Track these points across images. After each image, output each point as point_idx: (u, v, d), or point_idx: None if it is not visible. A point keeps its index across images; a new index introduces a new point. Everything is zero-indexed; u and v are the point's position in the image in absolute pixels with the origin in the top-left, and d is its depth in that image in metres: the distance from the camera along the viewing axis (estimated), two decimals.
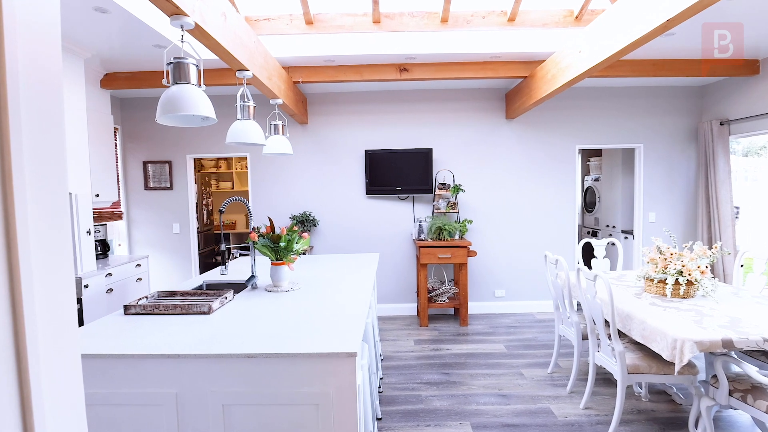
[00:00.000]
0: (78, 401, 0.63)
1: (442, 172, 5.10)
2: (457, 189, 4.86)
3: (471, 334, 4.41)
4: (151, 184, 5.33)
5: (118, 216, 5.19)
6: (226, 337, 1.80)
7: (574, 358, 3.10)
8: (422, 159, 5.01)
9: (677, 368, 2.14)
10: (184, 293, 2.52)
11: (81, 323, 3.40)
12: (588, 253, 5.53)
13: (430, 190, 5.02)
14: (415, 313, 5.19)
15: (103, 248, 4.45)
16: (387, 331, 4.59)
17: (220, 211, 2.70)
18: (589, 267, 5.17)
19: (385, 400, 3.08)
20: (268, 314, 2.14)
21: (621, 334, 2.84)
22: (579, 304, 3.16)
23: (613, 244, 3.97)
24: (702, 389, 2.44)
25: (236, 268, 3.44)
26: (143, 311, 2.20)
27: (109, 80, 4.31)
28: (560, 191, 5.13)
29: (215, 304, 2.23)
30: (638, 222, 5.18)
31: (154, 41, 3.44)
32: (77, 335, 0.65)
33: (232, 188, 7.25)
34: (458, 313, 4.92)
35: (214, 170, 7.20)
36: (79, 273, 3.53)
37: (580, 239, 5.74)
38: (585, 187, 6.69)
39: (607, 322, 2.73)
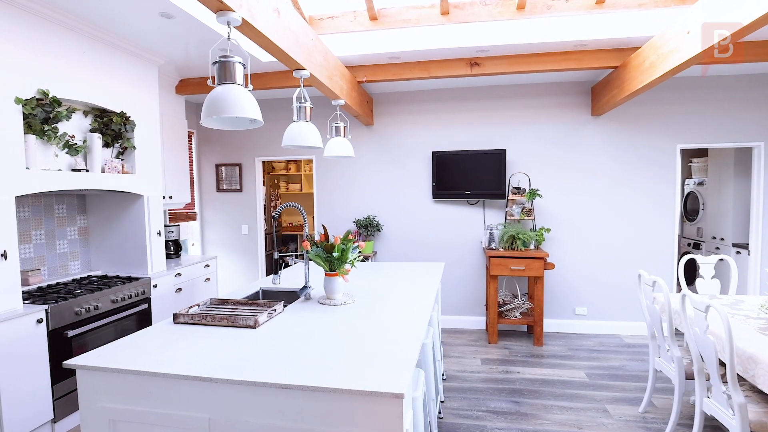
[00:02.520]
0: None
1: (516, 176, 4.67)
2: (533, 194, 4.42)
3: (546, 356, 3.96)
4: (223, 186, 5.47)
5: (192, 217, 5.39)
6: (266, 360, 1.64)
7: (674, 399, 2.59)
8: (494, 161, 4.62)
9: None
10: (235, 302, 2.43)
11: (149, 322, 3.50)
12: (690, 271, 4.79)
13: (502, 195, 4.62)
14: (484, 328, 4.80)
15: (175, 248, 4.60)
16: (452, 346, 4.27)
17: (274, 218, 2.58)
18: (689, 284, 4.46)
19: (445, 428, 2.79)
20: (315, 333, 1.96)
21: (740, 378, 2.30)
22: (678, 331, 2.64)
23: (722, 259, 3.33)
24: None
25: (293, 275, 3.33)
26: (191, 321, 2.13)
27: (184, 86, 4.45)
28: (656, 197, 4.48)
29: (262, 317, 2.10)
30: (756, 234, 4.37)
31: (222, 44, 3.44)
32: None
33: (301, 190, 7.32)
34: (532, 330, 4.47)
35: (284, 172, 7.31)
36: (149, 273, 3.63)
37: (679, 251, 5.00)
38: (686, 193, 5.85)
39: (721, 363, 2.22)
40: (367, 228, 4.91)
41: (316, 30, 3.62)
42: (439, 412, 2.95)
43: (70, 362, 1.64)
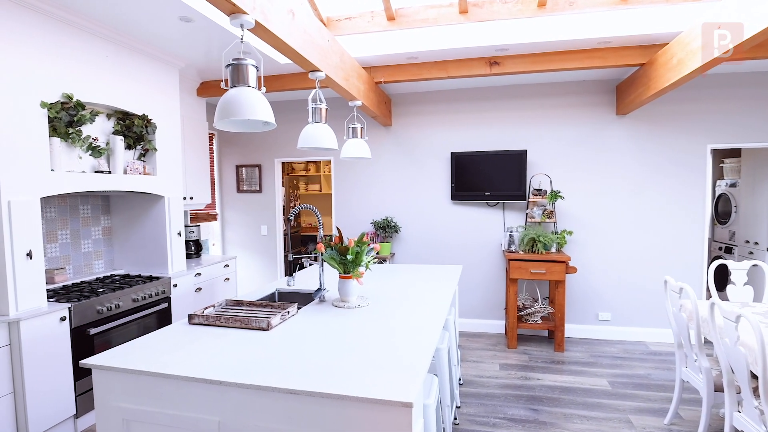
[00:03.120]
0: None
1: (537, 177, 4.57)
2: (554, 196, 4.31)
3: (567, 363, 3.85)
4: (243, 187, 5.54)
5: (213, 217, 5.47)
6: (276, 363, 1.63)
7: (702, 412, 2.47)
8: (515, 162, 4.53)
9: None
10: (250, 304, 2.44)
11: (169, 321, 3.56)
12: (721, 276, 4.59)
13: (523, 197, 4.52)
14: (503, 332, 4.72)
15: (196, 248, 4.67)
16: (469, 350, 4.21)
17: (288, 219, 2.58)
18: (719, 291, 4.28)
19: None
20: (327, 336, 1.94)
21: None
22: (707, 340, 2.51)
23: (756, 265, 3.18)
24: None
25: (309, 277, 3.33)
26: (205, 322, 2.14)
27: (205, 88, 4.52)
28: (685, 199, 4.31)
29: (275, 319, 2.10)
30: None
31: (245, 48, 3.47)
32: None
33: (320, 191, 7.35)
34: (553, 336, 4.36)
35: (303, 173, 7.36)
36: (169, 272, 3.69)
37: (709, 256, 4.80)
38: (717, 195, 5.62)
39: (753, 375, 2.10)
40: (385, 229, 4.88)
41: (334, 31, 3.61)
42: (455, 418, 2.90)
43: (85, 362, 1.67)
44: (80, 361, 1.68)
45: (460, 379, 3.47)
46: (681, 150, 4.28)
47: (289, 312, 2.25)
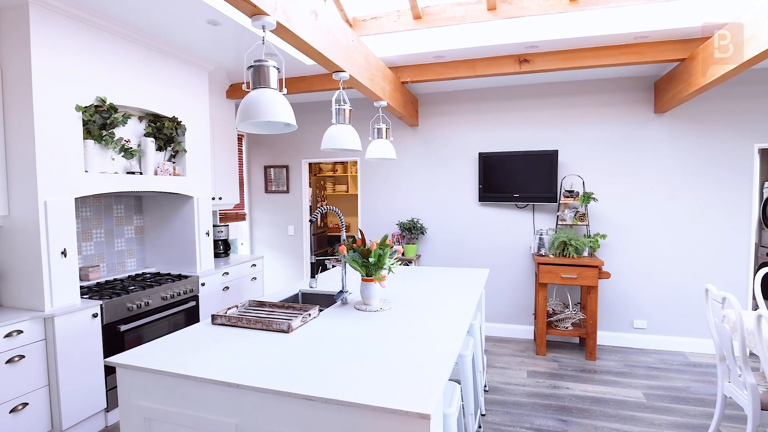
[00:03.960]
0: None
1: (569, 178, 4.42)
2: (587, 197, 4.15)
3: (599, 372, 3.70)
4: (271, 188, 5.60)
5: (241, 217, 5.56)
6: (295, 367, 1.61)
7: (747, 431, 2.31)
8: (545, 163, 4.39)
9: None
10: (272, 305, 2.44)
11: (197, 319, 3.63)
12: None
13: (554, 199, 4.38)
14: (532, 338, 4.58)
15: (225, 247, 4.75)
16: (496, 356, 4.10)
17: (311, 221, 2.57)
18: (767, 300, 4.01)
19: None
20: (347, 340, 1.91)
21: None
22: (751, 352, 2.34)
23: None
24: None
25: (332, 279, 3.32)
26: (227, 323, 2.16)
27: (234, 90, 4.59)
28: (728, 202, 4.06)
29: (296, 322, 2.09)
30: None
31: (267, 50, 3.50)
32: None
33: (347, 192, 7.36)
34: (584, 343, 4.20)
35: (330, 174, 7.39)
36: (197, 271, 3.76)
37: (756, 263, 4.51)
38: (765, 197, 5.27)
39: None
40: (411, 231, 4.83)
41: (360, 31, 3.60)
42: (479, 427, 2.82)
43: (110, 360, 1.70)
44: (105, 359, 1.71)
45: (485, 386, 3.38)
46: (725, 150, 4.04)
47: (310, 314, 2.24)
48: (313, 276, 2.57)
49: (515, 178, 4.51)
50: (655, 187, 4.22)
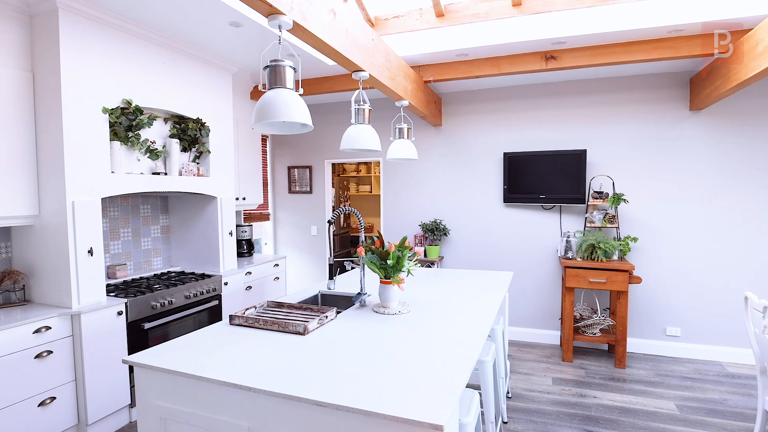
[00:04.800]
0: None
1: (598, 179, 4.26)
2: (617, 199, 3.99)
3: (629, 381, 3.54)
4: (295, 188, 5.63)
5: (265, 217, 5.62)
6: (308, 371, 1.59)
7: None
8: (573, 163, 4.25)
9: None
10: (290, 306, 2.44)
11: (219, 318, 3.67)
12: None
13: (582, 200, 4.23)
14: (558, 344, 4.44)
15: (248, 247, 4.80)
16: (520, 361, 3.99)
17: (330, 222, 2.55)
18: None
19: None
20: (363, 344, 1.88)
21: None
22: None
23: None
24: None
25: (353, 280, 3.30)
26: (245, 323, 2.16)
27: (258, 92, 4.63)
28: None
29: (312, 324, 2.07)
30: None
31: (289, 50, 3.51)
32: None
33: (371, 192, 7.35)
34: (613, 350, 4.04)
35: (354, 174, 7.39)
36: (221, 271, 3.81)
37: None
38: None
39: None
40: (434, 232, 4.76)
41: (382, 30, 3.56)
42: None
43: (127, 358, 1.72)
44: (123, 358, 1.74)
45: (508, 393, 3.29)
46: (767, 150, 3.81)
47: (327, 316, 2.22)
48: (331, 277, 2.55)
49: (541, 179, 4.38)
50: (690, 188, 4.01)
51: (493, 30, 3.41)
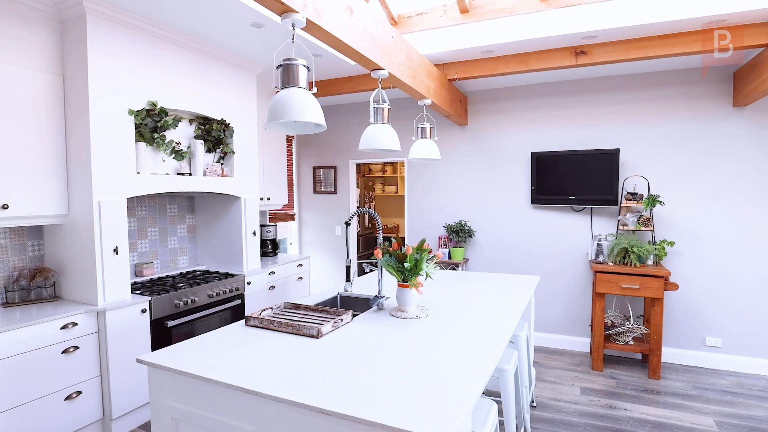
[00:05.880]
0: None
1: (631, 179, 4.06)
2: (652, 200, 3.78)
3: (663, 393, 3.35)
4: (320, 188, 5.65)
5: (290, 217, 5.66)
6: (317, 376, 1.55)
7: None
8: (605, 162, 4.06)
9: None
10: (307, 308, 2.42)
11: (241, 317, 3.70)
12: None
13: (614, 202, 4.04)
14: (587, 351, 4.26)
15: (273, 247, 4.84)
16: (547, 368, 3.85)
17: (347, 224, 2.52)
18: None
19: None
20: (376, 349, 1.83)
21: None
22: None
23: None
24: None
25: (373, 282, 3.25)
26: (260, 325, 2.15)
27: None
28: None
29: (326, 327, 2.03)
30: None
31: (312, 51, 3.50)
32: None
33: (396, 192, 7.29)
34: (647, 360, 3.84)
35: (380, 174, 7.35)
36: (244, 270, 3.84)
37: None
38: None
39: None
40: (459, 234, 4.66)
41: (406, 28, 3.51)
42: None
43: (141, 358, 1.73)
44: (138, 357, 1.75)
45: (532, 402, 3.17)
46: None
47: (342, 319, 2.18)
48: (348, 279, 2.52)
49: (571, 180, 4.22)
50: (734, 189, 3.76)
51: (519, 25, 3.30)
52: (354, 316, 2.35)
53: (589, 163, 4.14)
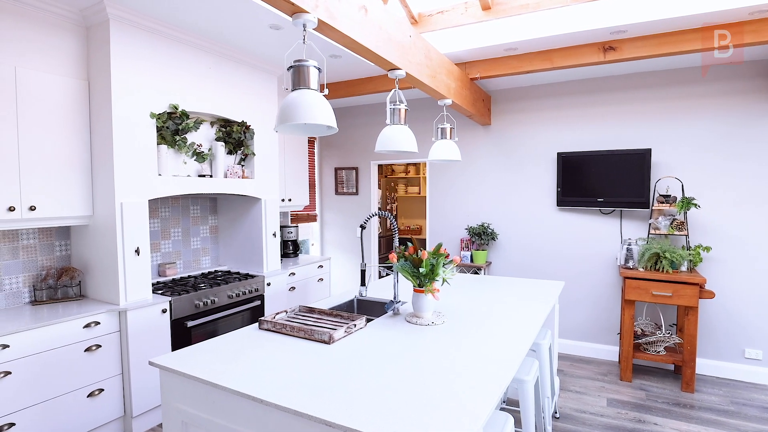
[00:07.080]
0: None
1: (664, 181, 3.86)
2: (686, 203, 3.59)
3: (697, 408, 3.16)
4: (342, 189, 5.64)
5: (312, 218, 5.67)
6: (325, 384, 1.52)
7: None
8: (635, 163, 3.88)
9: None
10: (321, 312, 2.39)
11: (261, 317, 3.71)
12: None
13: (645, 204, 3.85)
14: (616, 360, 4.08)
15: (294, 248, 4.85)
16: (572, 377, 3.70)
17: (362, 227, 2.48)
18: None
19: None
20: (388, 357, 1.78)
21: None
22: None
23: None
24: None
25: (390, 286, 3.20)
26: (272, 329, 2.13)
27: None
28: None
29: (338, 333, 2.00)
30: None
31: (330, 52, 3.48)
32: None
33: (419, 193, 7.22)
34: (680, 371, 3.64)
35: (403, 175, 7.30)
36: (264, 271, 3.86)
37: None
38: None
39: None
40: (481, 236, 4.56)
41: (426, 27, 3.45)
42: None
43: (154, 360, 1.73)
44: (150, 359, 1.76)
45: (555, 412, 3.05)
46: None
47: (355, 325, 2.14)
48: (363, 284, 2.48)
49: (599, 181, 4.05)
50: None
51: (544, 21, 3.18)
52: (369, 320, 2.30)
53: (618, 163, 3.96)
